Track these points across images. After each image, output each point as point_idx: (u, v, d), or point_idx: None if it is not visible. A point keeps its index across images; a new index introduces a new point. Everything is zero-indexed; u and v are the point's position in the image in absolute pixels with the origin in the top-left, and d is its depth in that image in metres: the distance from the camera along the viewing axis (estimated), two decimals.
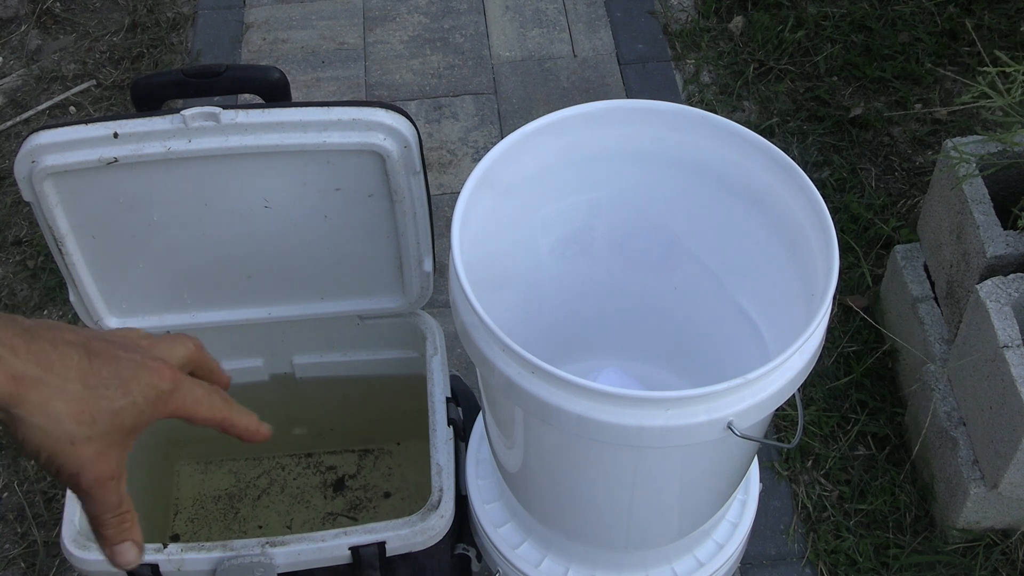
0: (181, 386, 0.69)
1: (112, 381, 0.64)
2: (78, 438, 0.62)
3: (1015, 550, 1.53)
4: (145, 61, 2.32)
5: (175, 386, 0.68)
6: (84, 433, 0.63)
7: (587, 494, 1.01)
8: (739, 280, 1.10)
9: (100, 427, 0.63)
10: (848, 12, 2.31)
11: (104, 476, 0.64)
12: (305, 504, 1.50)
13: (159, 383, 0.67)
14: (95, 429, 0.63)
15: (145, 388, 0.66)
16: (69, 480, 0.64)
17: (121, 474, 0.66)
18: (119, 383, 0.64)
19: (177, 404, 0.69)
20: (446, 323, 1.18)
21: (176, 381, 0.68)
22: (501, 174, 0.99)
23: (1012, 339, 1.36)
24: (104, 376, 0.64)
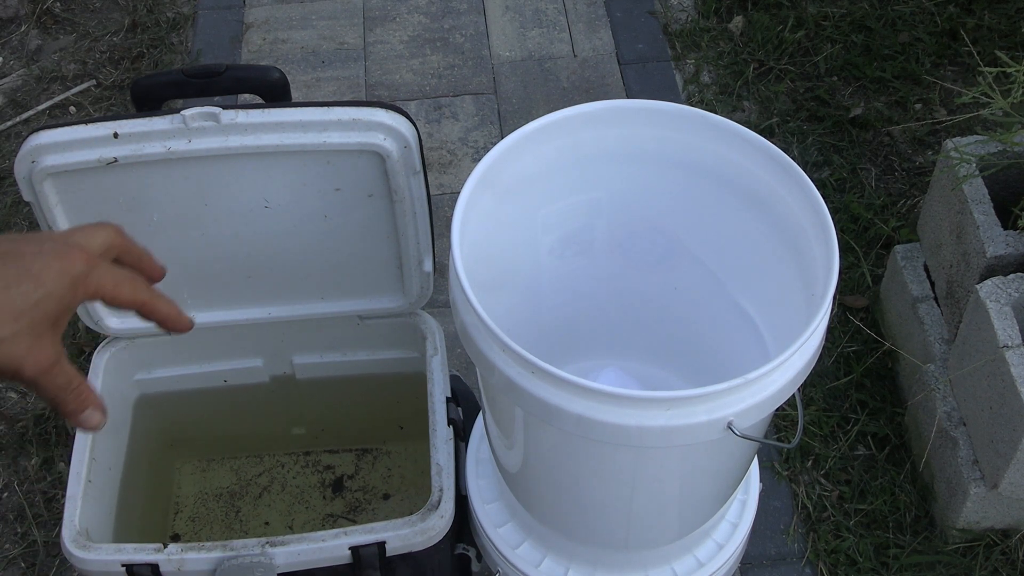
0: (97, 268, 0.70)
1: (22, 276, 0.66)
2: (4, 336, 0.65)
3: (1015, 550, 1.53)
4: (145, 61, 2.32)
5: (89, 268, 0.69)
6: (9, 330, 0.65)
7: (587, 494, 1.01)
8: (739, 280, 1.10)
9: (23, 322, 0.65)
10: (848, 12, 2.31)
11: (45, 364, 0.67)
12: (305, 504, 1.50)
13: (71, 267, 0.68)
14: (19, 324, 0.65)
15: (57, 275, 0.67)
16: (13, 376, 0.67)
17: (60, 357, 0.68)
18: (30, 277, 0.66)
19: (95, 286, 0.70)
20: (446, 323, 1.18)
21: (90, 263, 0.69)
22: (501, 174, 0.99)
23: (1012, 339, 1.36)
24: (12, 274, 0.66)
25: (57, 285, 0.67)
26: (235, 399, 1.41)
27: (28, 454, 1.71)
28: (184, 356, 1.33)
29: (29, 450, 1.71)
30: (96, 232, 0.73)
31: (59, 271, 0.67)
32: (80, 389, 0.70)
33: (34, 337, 0.66)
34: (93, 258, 0.70)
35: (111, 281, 0.71)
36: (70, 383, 0.70)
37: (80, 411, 0.71)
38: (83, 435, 1.18)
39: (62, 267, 0.68)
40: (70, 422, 0.72)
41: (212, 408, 1.42)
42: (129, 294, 0.73)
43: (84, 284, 0.69)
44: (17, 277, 0.66)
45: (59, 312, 0.68)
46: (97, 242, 0.72)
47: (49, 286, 0.67)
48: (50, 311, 0.67)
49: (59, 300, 0.67)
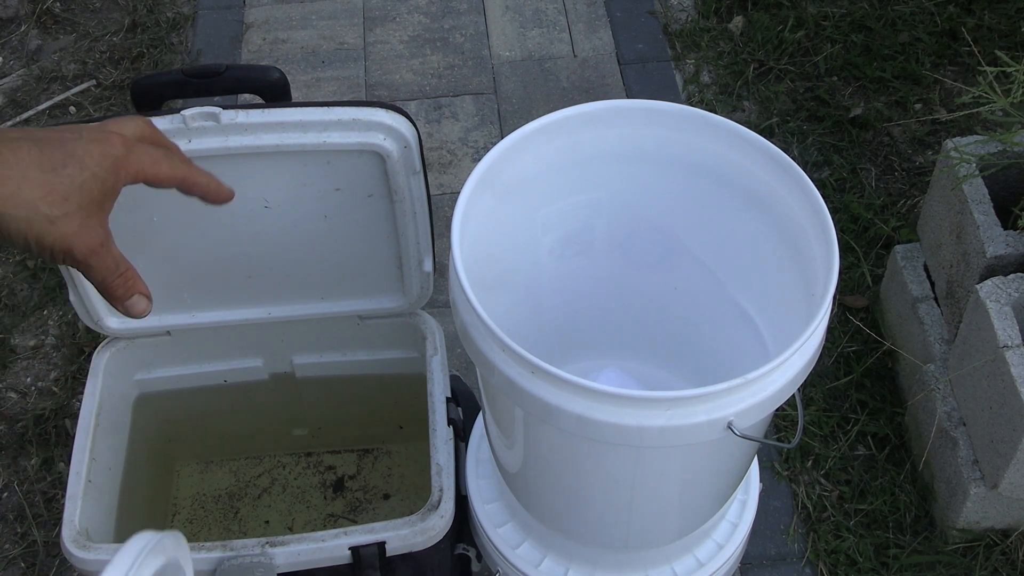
0: (135, 149, 0.73)
1: (67, 160, 0.69)
2: (56, 216, 0.68)
3: (1015, 550, 1.53)
4: (145, 61, 2.32)
5: (128, 150, 0.73)
6: (59, 211, 0.68)
7: (587, 494, 1.01)
8: (739, 280, 1.10)
9: (72, 203, 0.69)
10: (848, 12, 2.31)
11: (94, 244, 0.71)
12: (306, 504, 1.51)
13: (111, 150, 0.71)
14: (68, 206, 0.69)
15: (99, 158, 0.70)
16: (65, 257, 0.70)
17: (107, 240, 0.72)
18: (74, 160, 0.69)
19: (136, 166, 0.73)
20: (446, 323, 1.18)
21: (128, 146, 0.73)
22: (501, 174, 0.99)
23: (1012, 339, 1.36)
24: (58, 158, 0.69)
25: (100, 167, 0.70)
26: (235, 399, 1.41)
27: (28, 454, 1.71)
28: (184, 356, 1.33)
29: (29, 450, 1.71)
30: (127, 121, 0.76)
31: (100, 153, 0.70)
32: (128, 274, 0.74)
33: (83, 217, 0.69)
34: (129, 141, 0.73)
35: (150, 159, 0.74)
36: (118, 267, 0.73)
37: (127, 296, 0.74)
38: (83, 435, 1.18)
39: (103, 150, 0.71)
40: (118, 308, 0.75)
41: (212, 408, 1.42)
42: (169, 169, 0.76)
43: (125, 165, 0.72)
44: (63, 160, 0.69)
45: (104, 194, 0.71)
46: (130, 129, 0.76)
47: (93, 168, 0.70)
48: (95, 192, 0.70)
49: (103, 182, 0.70)
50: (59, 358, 1.84)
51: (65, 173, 0.69)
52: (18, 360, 1.84)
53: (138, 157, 0.73)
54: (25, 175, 0.68)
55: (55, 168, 0.68)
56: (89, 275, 0.72)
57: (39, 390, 1.80)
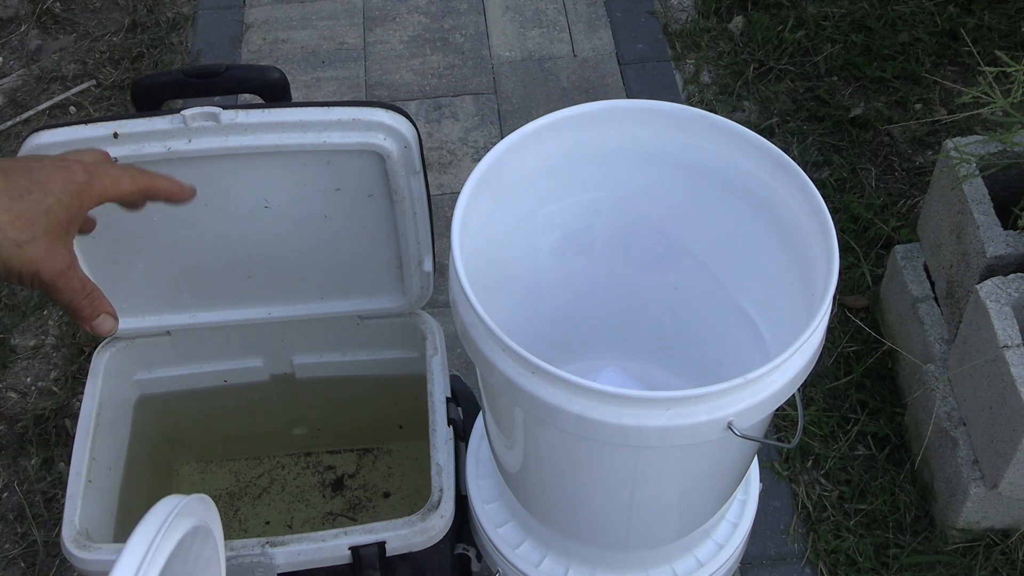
0: (96, 172, 0.77)
1: (33, 186, 0.72)
2: (23, 241, 0.71)
3: (1015, 550, 1.53)
4: (145, 61, 2.32)
5: (90, 175, 0.76)
6: (27, 235, 0.71)
7: (587, 494, 1.01)
8: (739, 280, 1.10)
9: (39, 228, 0.72)
10: (848, 12, 2.31)
11: (61, 267, 0.74)
12: (305, 503, 1.51)
13: (74, 177, 0.75)
14: (35, 230, 0.71)
15: (63, 184, 0.74)
16: (32, 280, 0.73)
17: (73, 263, 0.75)
18: (39, 186, 0.72)
19: (99, 189, 0.77)
20: (446, 323, 1.18)
21: (89, 171, 0.77)
22: (501, 174, 0.99)
23: (1012, 339, 1.36)
24: (23, 185, 0.72)
25: (64, 192, 0.73)
26: (235, 399, 1.41)
27: (28, 454, 1.71)
28: (184, 356, 1.33)
29: (29, 450, 1.71)
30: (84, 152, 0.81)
31: (64, 180, 0.74)
32: (94, 295, 0.77)
33: (49, 241, 0.72)
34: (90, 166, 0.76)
35: (110, 179, 0.77)
36: (84, 287, 0.76)
37: (94, 316, 0.77)
38: (83, 435, 1.18)
39: (66, 176, 0.74)
40: (85, 328, 0.78)
41: (212, 408, 1.42)
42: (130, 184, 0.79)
43: (88, 189, 0.75)
44: (28, 187, 0.72)
45: (69, 218, 0.74)
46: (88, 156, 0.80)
47: (58, 194, 0.73)
48: (60, 217, 0.73)
49: (67, 207, 0.73)
50: (59, 358, 1.84)
51: (31, 199, 0.71)
52: (18, 360, 1.84)
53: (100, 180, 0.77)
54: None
55: (21, 195, 0.71)
56: (56, 297, 0.75)
57: (39, 390, 1.80)
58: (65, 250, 0.74)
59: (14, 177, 0.72)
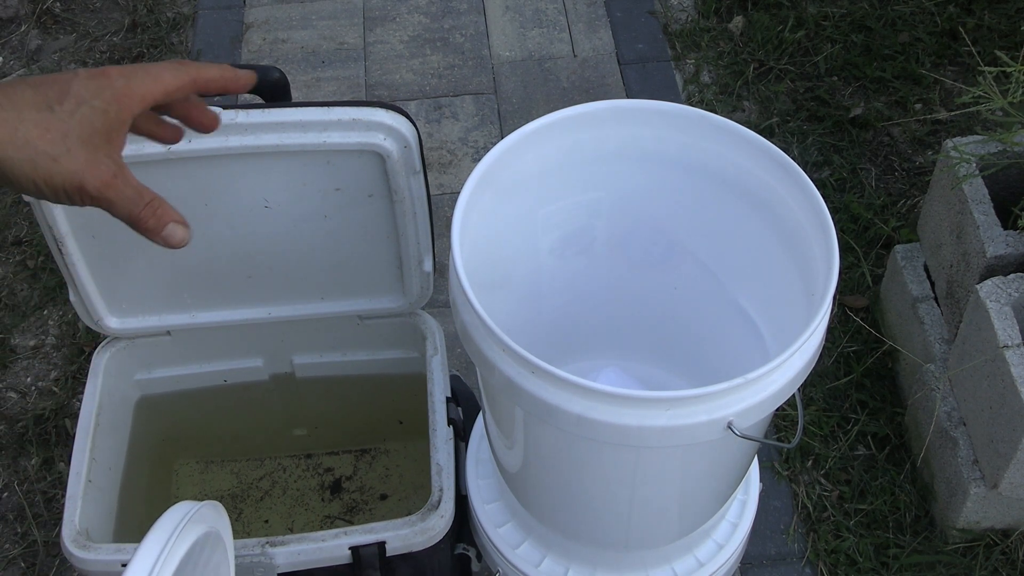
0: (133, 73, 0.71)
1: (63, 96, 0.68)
2: (58, 153, 0.66)
3: (1015, 550, 1.53)
4: (145, 61, 2.32)
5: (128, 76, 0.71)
6: (61, 147, 0.67)
7: (587, 494, 1.01)
8: (739, 280, 1.10)
9: (73, 138, 0.67)
10: (848, 12, 2.31)
11: (106, 177, 0.68)
12: (305, 507, 1.51)
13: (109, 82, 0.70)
14: (69, 141, 0.67)
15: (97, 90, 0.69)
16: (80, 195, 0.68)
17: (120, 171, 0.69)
18: (70, 96, 0.68)
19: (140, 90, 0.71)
20: (446, 323, 1.18)
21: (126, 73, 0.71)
22: (501, 174, 0.99)
23: (1012, 339, 1.36)
24: (53, 95, 0.68)
25: (99, 98, 0.69)
26: (235, 399, 1.41)
27: (28, 454, 1.71)
28: (184, 356, 1.33)
29: (29, 450, 1.71)
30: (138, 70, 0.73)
31: (98, 86, 0.69)
32: (154, 203, 0.71)
33: (88, 151, 0.68)
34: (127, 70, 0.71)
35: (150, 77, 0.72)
36: (141, 196, 0.70)
37: (161, 227, 0.71)
38: (83, 435, 1.18)
39: (99, 83, 0.69)
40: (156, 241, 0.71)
41: (212, 408, 1.42)
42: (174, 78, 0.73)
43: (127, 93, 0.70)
44: (58, 97, 0.68)
45: (108, 126, 0.69)
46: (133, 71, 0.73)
47: (91, 100, 0.68)
48: (98, 125, 0.68)
49: (104, 113, 0.69)
50: (59, 358, 1.84)
51: (63, 109, 0.68)
52: (18, 360, 1.84)
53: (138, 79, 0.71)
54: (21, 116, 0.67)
55: (51, 106, 0.67)
56: (113, 211, 0.70)
57: (39, 390, 1.80)
58: (109, 159, 0.69)
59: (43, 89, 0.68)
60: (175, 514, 0.78)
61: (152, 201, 0.71)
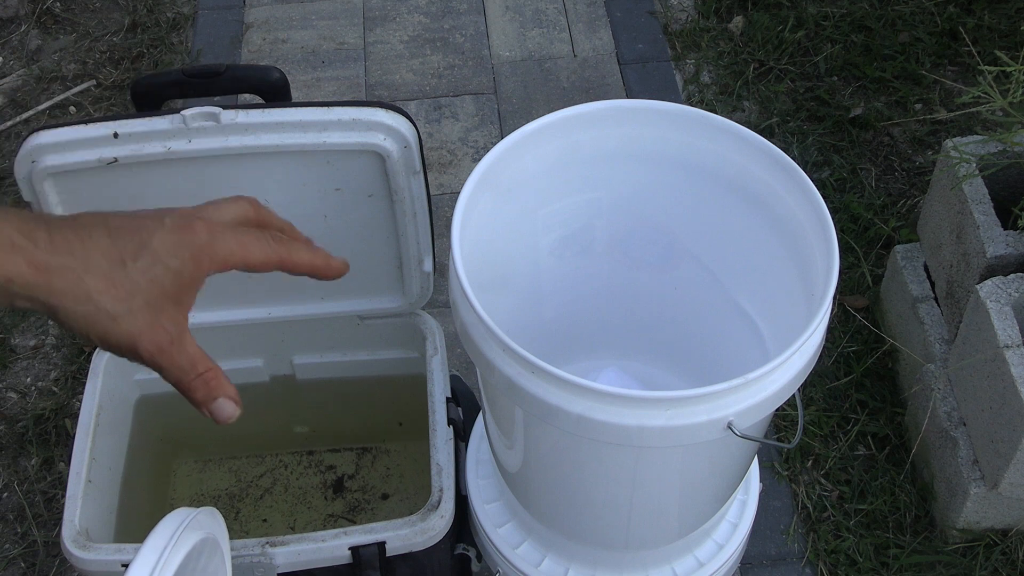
0: (221, 235, 0.66)
1: (139, 252, 0.63)
2: (119, 314, 0.62)
3: (1015, 550, 1.53)
4: (145, 61, 2.32)
5: (212, 237, 0.65)
6: (123, 308, 0.62)
7: (587, 494, 1.01)
8: (739, 280, 1.10)
9: (139, 299, 0.62)
10: (848, 12, 2.31)
11: (162, 343, 0.64)
12: (307, 505, 1.50)
13: (193, 239, 0.64)
14: (134, 302, 0.62)
15: (176, 249, 0.64)
16: (131, 355, 0.64)
17: (180, 337, 0.65)
18: (147, 252, 0.63)
19: (223, 253, 0.66)
20: (446, 323, 1.18)
21: (212, 232, 0.65)
22: (501, 174, 0.99)
23: (1012, 339, 1.36)
24: (129, 250, 0.63)
25: (177, 258, 0.64)
26: None
27: (28, 454, 1.71)
28: None
29: (29, 450, 1.71)
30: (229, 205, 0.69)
31: (178, 243, 0.64)
32: (209, 375, 0.66)
33: (151, 315, 0.63)
34: (214, 226, 0.66)
35: (239, 245, 0.66)
36: (195, 367, 0.66)
37: (210, 401, 0.67)
38: (83, 435, 1.18)
39: (181, 239, 0.64)
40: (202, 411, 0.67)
41: None
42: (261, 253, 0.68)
43: (209, 253, 0.65)
44: (134, 252, 0.63)
45: (180, 287, 0.64)
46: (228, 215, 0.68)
47: (167, 260, 0.63)
48: (168, 287, 0.64)
49: (178, 274, 0.64)
50: (59, 358, 1.84)
51: (135, 267, 0.62)
52: (18, 360, 1.84)
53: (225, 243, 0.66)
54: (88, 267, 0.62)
55: (124, 261, 0.62)
56: (164, 375, 0.66)
57: (39, 390, 1.80)
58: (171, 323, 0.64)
59: (122, 240, 0.63)
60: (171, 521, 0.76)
61: (206, 373, 0.66)
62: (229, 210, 0.69)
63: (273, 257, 0.69)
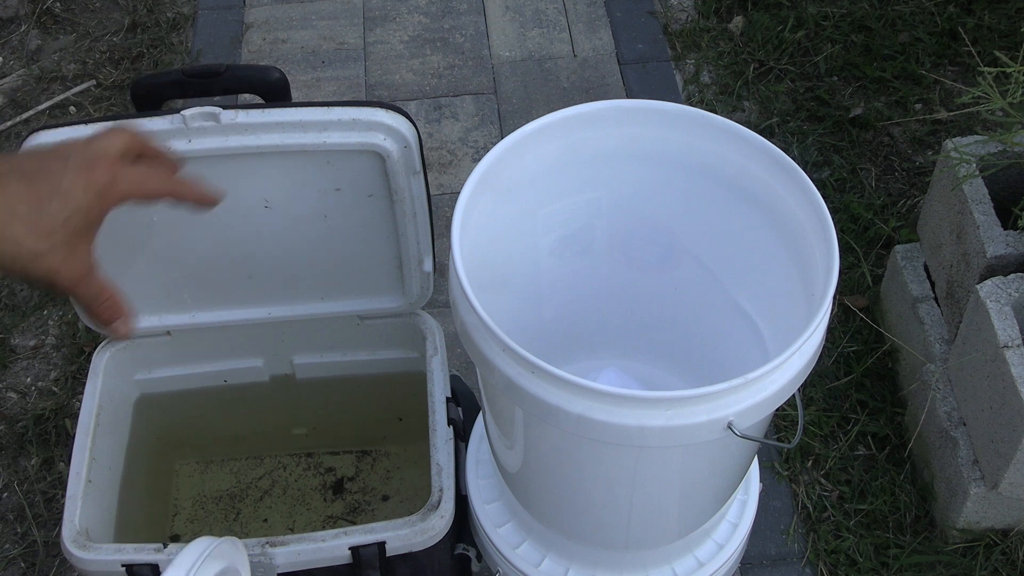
0: (120, 173, 0.74)
1: (53, 194, 0.70)
2: (41, 251, 0.69)
3: (1015, 550, 1.53)
4: (145, 61, 2.32)
5: (113, 176, 0.73)
6: (45, 245, 0.69)
7: (587, 494, 1.01)
8: (739, 280, 1.10)
9: (57, 237, 0.70)
10: (848, 12, 2.31)
11: (78, 274, 0.73)
12: (306, 506, 1.50)
13: (97, 179, 0.72)
14: (53, 239, 0.70)
15: (83, 190, 0.71)
16: (51, 286, 0.72)
17: (92, 268, 0.74)
18: (60, 194, 0.70)
19: (123, 190, 0.74)
20: (446, 323, 1.18)
21: (113, 171, 0.73)
22: (501, 174, 0.99)
23: (1012, 339, 1.36)
24: (44, 192, 0.70)
25: (85, 198, 0.71)
26: (235, 399, 1.41)
27: (28, 454, 1.71)
28: (184, 356, 1.33)
29: (29, 450, 1.71)
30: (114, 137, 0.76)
31: (86, 184, 0.71)
32: (112, 299, 0.76)
33: (68, 250, 0.70)
34: (114, 165, 0.73)
35: (136, 182, 0.75)
36: (102, 292, 0.75)
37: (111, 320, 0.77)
38: (83, 435, 1.18)
39: (88, 180, 0.71)
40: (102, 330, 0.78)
41: (212, 408, 1.42)
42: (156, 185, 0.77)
43: (112, 191, 0.73)
44: (49, 194, 0.70)
45: (88, 223, 0.72)
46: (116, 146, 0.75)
47: (79, 199, 0.71)
48: (80, 224, 0.71)
49: (87, 212, 0.71)
50: (59, 358, 1.84)
51: (52, 208, 0.70)
52: (18, 360, 1.84)
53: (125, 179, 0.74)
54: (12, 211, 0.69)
55: (41, 203, 0.69)
56: (76, 300, 0.75)
57: (39, 390, 1.80)
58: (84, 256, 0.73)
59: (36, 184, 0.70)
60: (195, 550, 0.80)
61: (111, 297, 0.77)
62: (115, 143, 0.76)
63: (164, 190, 0.78)
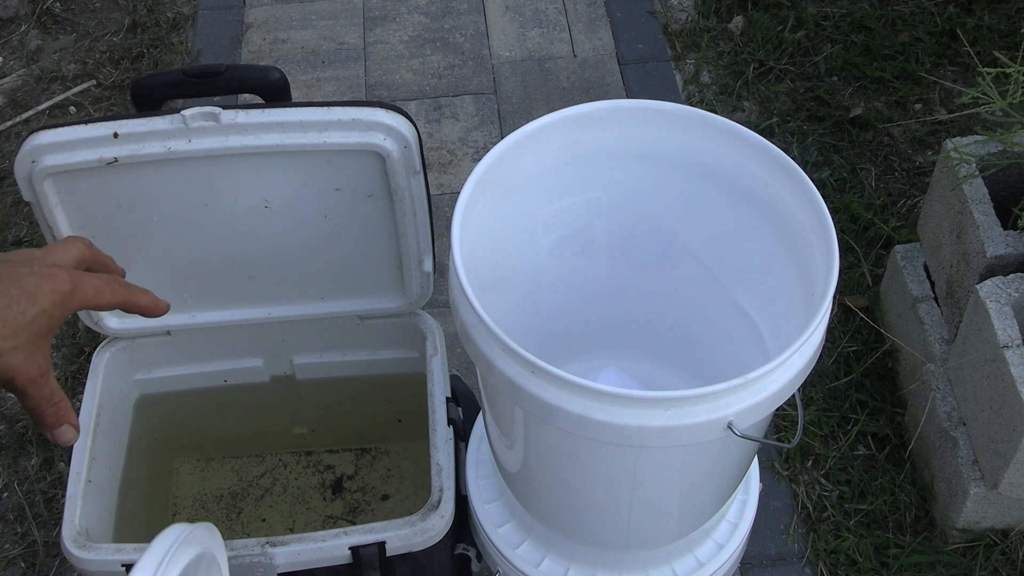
0: (80, 282, 0.78)
1: (20, 296, 0.73)
2: (5, 349, 0.72)
3: (1015, 550, 1.53)
4: (145, 61, 2.32)
5: (74, 285, 0.77)
6: (8, 345, 0.72)
7: (587, 494, 1.01)
8: (739, 280, 1.10)
9: (21, 337, 0.73)
10: (848, 12, 2.31)
11: (35, 375, 0.75)
12: (306, 506, 1.50)
13: (60, 287, 0.76)
14: (18, 339, 0.73)
15: (49, 295, 0.75)
16: (6, 383, 0.74)
17: (47, 371, 0.76)
18: (26, 296, 0.73)
19: (80, 299, 0.78)
20: (446, 323, 1.18)
21: (74, 280, 0.77)
22: (501, 174, 0.99)
23: (1012, 339, 1.36)
24: (13, 293, 0.73)
25: (50, 302, 0.75)
26: (235, 399, 1.41)
27: (28, 454, 1.71)
28: (184, 356, 1.33)
29: (29, 450, 1.71)
30: (69, 248, 0.81)
31: (51, 290, 0.75)
32: (60, 405, 0.78)
33: (29, 350, 0.74)
34: (74, 275, 0.77)
35: (93, 290, 0.79)
36: (52, 396, 0.77)
37: (56, 425, 0.79)
38: (83, 435, 1.18)
39: (52, 286, 0.75)
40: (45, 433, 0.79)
41: (212, 408, 1.42)
42: (110, 296, 0.81)
43: (71, 299, 0.77)
44: (17, 296, 0.73)
45: (50, 327, 0.75)
46: (71, 257, 0.81)
47: (44, 304, 0.74)
48: (43, 327, 0.74)
49: (50, 316, 0.75)
50: (59, 358, 1.84)
51: (18, 309, 0.73)
52: None
53: (83, 290, 0.78)
54: None
55: (9, 304, 0.72)
56: (23, 401, 0.77)
57: None
58: (42, 358, 0.76)
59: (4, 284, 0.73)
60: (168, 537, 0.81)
61: (60, 402, 0.78)
62: (70, 252, 0.81)
63: (118, 299, 0.82)
